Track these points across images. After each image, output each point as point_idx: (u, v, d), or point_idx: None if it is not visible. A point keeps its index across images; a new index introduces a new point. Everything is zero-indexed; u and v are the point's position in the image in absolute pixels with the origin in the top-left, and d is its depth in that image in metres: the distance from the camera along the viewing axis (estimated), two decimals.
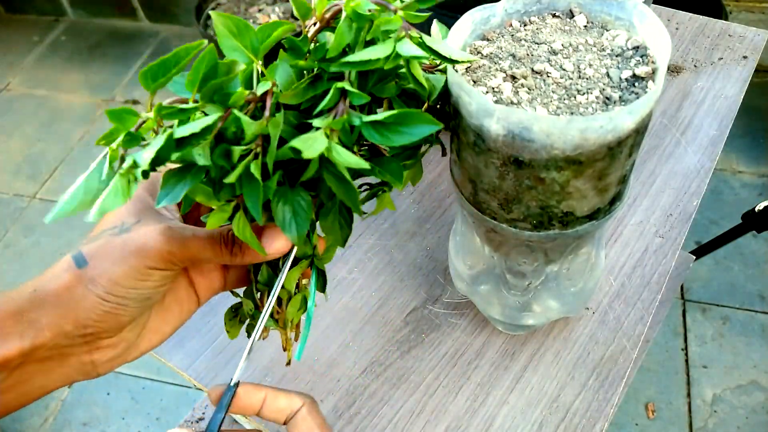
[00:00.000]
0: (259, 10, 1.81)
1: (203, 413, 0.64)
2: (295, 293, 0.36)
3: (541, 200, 0.32)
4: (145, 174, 0.25)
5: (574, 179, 0.30)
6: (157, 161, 0.25)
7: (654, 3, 0.69)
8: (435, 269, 0.57)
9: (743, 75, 0.69)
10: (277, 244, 0.31)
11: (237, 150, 0.26)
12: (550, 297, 0.45)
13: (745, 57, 0.71)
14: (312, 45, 0.29)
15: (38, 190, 1.75)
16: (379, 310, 0.54)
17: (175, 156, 0.25)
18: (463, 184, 0.36)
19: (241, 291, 0.38)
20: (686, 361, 1.25)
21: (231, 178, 0.26)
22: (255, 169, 0.26)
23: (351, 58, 0.26)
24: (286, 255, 0.33)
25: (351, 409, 0.49)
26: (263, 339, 0.36)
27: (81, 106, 1.96)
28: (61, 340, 0.30)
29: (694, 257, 1.00)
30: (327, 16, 0.29)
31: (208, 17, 1.80)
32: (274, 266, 0.35)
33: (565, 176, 0.30)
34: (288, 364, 0.38)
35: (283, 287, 0.34)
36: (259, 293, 0.36)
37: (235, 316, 0.38)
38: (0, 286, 1.53)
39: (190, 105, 0.27)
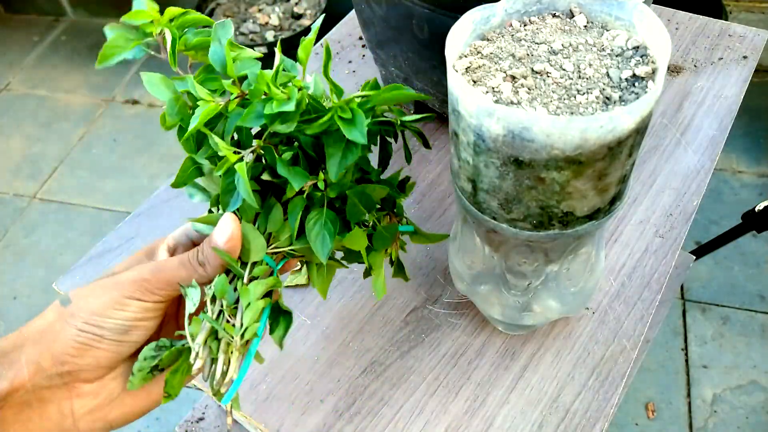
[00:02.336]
0: (259, 10, 1.81)
1: (203, 413, 0.64)
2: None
3: (541, 200, 0.32)
4: None
5: (574, 179, 0.30)
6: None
7: (654, 3, 0.69)
8: (435, 269, 0.57)
9: (743, 75, 0.69)
10: (224, 231, 0.33)
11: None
12: (550, 297, 0.45)
13: (745, 57, 0.71)
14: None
15: (38, 190, 1.75)
16: (379, 310, 0.54)
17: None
18: (463, 184, 0.36)
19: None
20: (686, 361, 1.25)
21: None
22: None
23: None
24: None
25: (351, 409, 0.49)
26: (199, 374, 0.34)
27: (81, 106, 1.96)
28: (40, 380, 0.30)
29: (694, 257, 1.00)
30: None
31: (210, 15, 1.80)
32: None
33: (565, 176, 0.30)
34: (218, 398, 0.34)
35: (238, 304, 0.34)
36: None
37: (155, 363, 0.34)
38: (0, 286, 1.53)
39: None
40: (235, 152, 0.32)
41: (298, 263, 0.39)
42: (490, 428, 0.47)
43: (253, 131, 0.37)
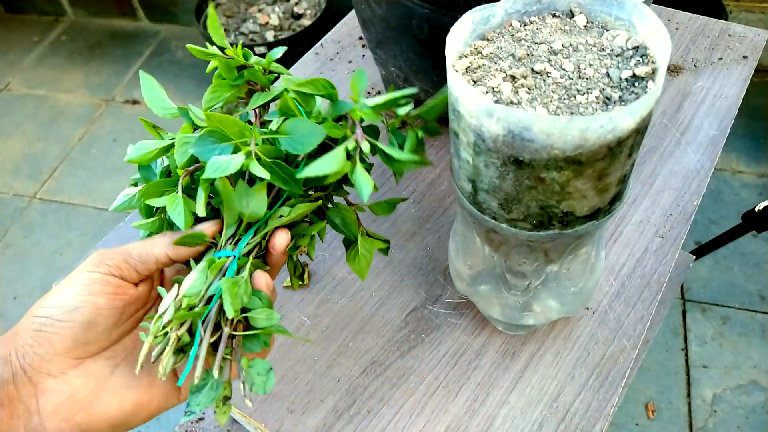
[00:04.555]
0: (259, 10, 1.81)
1: (203, 413, 0.64)
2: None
3: (541, 200, 0.32)
4: None
5: (574, 179, 0.30)
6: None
7: (654, 3, 0.69)
8: (435, 269, 0.57)
9: (743, 75, 0.69)
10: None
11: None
12: (550, 297, 0.45)
13: (745, 57, 0.71)
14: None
15: (38, 190, 1.75)
16: (379, 310, 0.54)
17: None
18: (463, 184, 0.36)
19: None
20: (686, 361, 1.25)
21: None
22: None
23: (308, 170, 0.30)
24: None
25: (351, 409, 0.49)
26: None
27: (81, 106, 1.96)
28: (8, 376, 0.29)
29: (694, 257, 1.00)
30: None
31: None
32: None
33: (565, 176, 0.30)
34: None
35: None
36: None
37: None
38: (0, 286, 1.53)
39: None
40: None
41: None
42: (490, 428, 0.47)
43: None
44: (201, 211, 0.33)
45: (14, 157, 1.84)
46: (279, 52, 0.38)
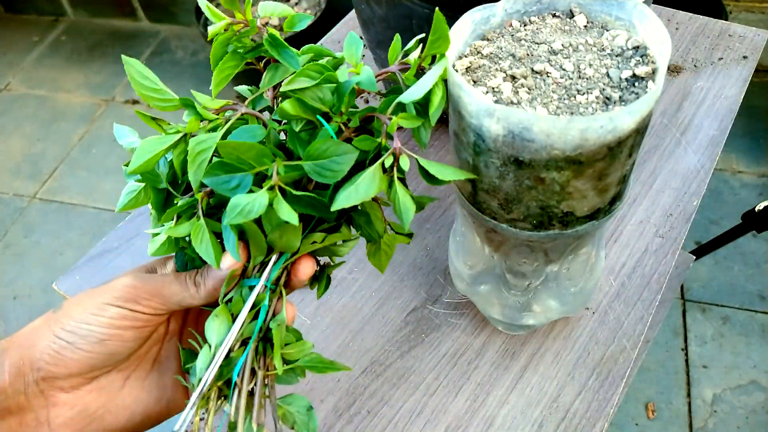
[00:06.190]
0: None
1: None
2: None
3: (541, 200, 0.32)
4: None
5: (574, 179, 0.30)
6: None
7: (654, 3, 0.69)
8: (435, 269, 0.57)
9: (743, 75, 0.69)
10: (227, 260, 0.31)
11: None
12: (550, 297, 0.45)
13: (745, 57, 0.71)
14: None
15: (38, 190, 1.75)
16: (379, 310, 0.54)
17: None
18: (463, 184, 0.36)
19: None
20: (686, 361, 1.25)
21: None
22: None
23: (341, 200, 0.28)
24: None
25: (351, 409, 0.49)
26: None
27: (81, 106, 1.96)
28: (19, 385, 0.29)
29: (694, 257, 1.00)
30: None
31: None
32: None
33: (565, 176, 0.30)
34: None
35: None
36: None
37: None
38: (0, 286, 1.53)
39: None
40: None
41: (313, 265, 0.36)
42: (490, 428, 0.47)
43: None
44: (234, 255, 0.30)
45: (14, 157, 1.84)
46: (305, 22, 0.32)
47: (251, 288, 0.31)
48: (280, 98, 0.34)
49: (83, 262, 0.60)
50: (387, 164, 0.28)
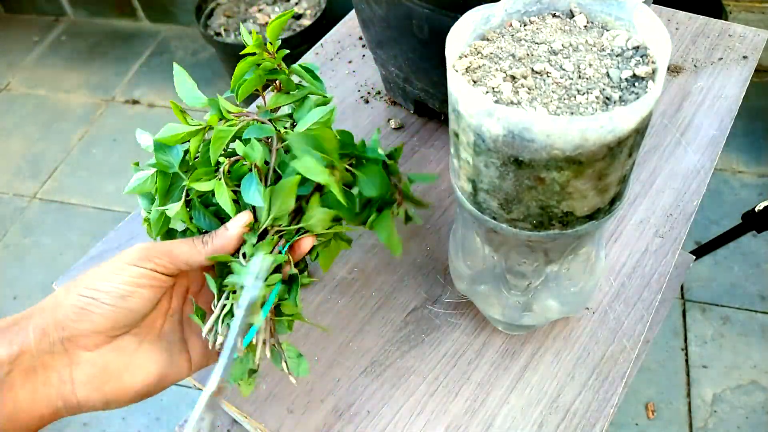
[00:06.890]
0: (259, 10, 1.81)
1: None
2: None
3: (541, 200, 0.32)
4: None
5: (574, 179, 0.30)
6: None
7: (654, 3, 0.69)
8: (435, 269, 0.57)
9: (743, 75, 0.69)
10: (238, 219, 0.37)
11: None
12: (550, 297, 0.45)
13: (745, 57, 0.71)
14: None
15: (38, 190, 1.75)
16: (379, 310, 0.54)
17: None
18: (463, 184, 0.36)
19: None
20: (686, 361, 1.25)
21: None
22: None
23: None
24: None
25: (351, 409, 0.49)
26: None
27: (81, 106, 1.96)
28: (44, 346, 0.32)
29: (694, 257, 1.00)
30: None
31: (208, 17, 1.80)
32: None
33: (565, 176, 0.30)
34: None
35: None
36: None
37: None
38: (0, 286, 1.53)
39: None
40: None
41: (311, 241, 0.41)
42: (490, 428, 0.47)
43: None
44: (258, 201, 0.37)
45: (14, 157, 1.84)
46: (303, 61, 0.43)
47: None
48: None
49: (83, 262, 0.60)
50: (400, 214, 0.41)
